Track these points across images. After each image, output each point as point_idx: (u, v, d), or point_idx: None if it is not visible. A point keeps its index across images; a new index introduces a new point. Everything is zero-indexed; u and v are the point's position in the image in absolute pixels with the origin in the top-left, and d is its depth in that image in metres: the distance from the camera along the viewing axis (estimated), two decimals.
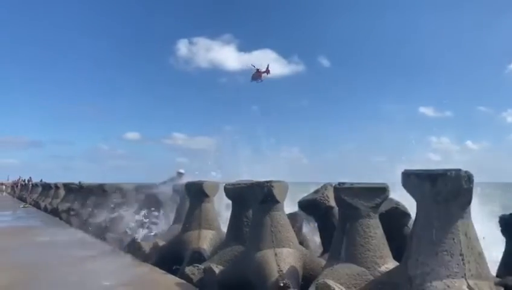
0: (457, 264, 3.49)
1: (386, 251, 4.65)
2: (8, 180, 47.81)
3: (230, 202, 6.71)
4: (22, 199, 32.10)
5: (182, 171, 12.96)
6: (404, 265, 3.84)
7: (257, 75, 32.67)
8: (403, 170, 3.93)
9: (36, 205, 24.15)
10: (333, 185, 5.23)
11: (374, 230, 4.65)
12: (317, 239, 7.50)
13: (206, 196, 7.56)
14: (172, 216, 9.77)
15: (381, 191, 4.76)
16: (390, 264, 4.47)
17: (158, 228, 9.58)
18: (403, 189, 4.07)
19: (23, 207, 24.02)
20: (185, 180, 9.79)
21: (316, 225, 7.22)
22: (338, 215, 5.11)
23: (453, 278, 3.43)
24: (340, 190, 4.79)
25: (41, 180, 32.32)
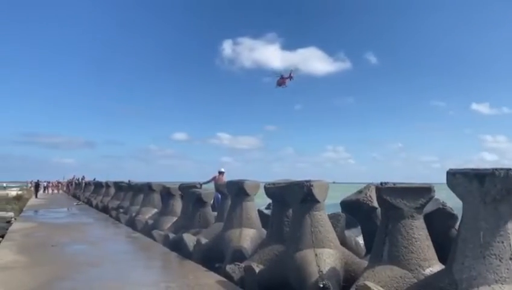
0: (507, 269, 3.29)
1: (431, 253, 4.47)
2: (63, 179, 50.25)
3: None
4: (76, 196, 33.69)
5: (223, 170, 13.11)
6: (449, 269, 3.66)
7: (281, 81, 34.57)
8: (448, 169, 3.75)
9: (88, 202, 25.26)
10: (376, 185, 5.12)
11: (418, 231, 4.49)
12: (360, 240, 7.35)
13: (247, 195, 7.60)
14: (214, 214, 9.91)
15: (425, 191, 4.59)
16: (436, 267, 4.29)
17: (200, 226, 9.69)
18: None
19: (77, 205, 25.19)
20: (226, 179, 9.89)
21: (359, 226, 7.08)
22: (380, 215, 4.97)
23: (502, 284, 3.24)
24: (383, 190, 4.67)
25: (94, 179, 33.66)
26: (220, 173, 13.03)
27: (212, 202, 10.68)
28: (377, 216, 6.24)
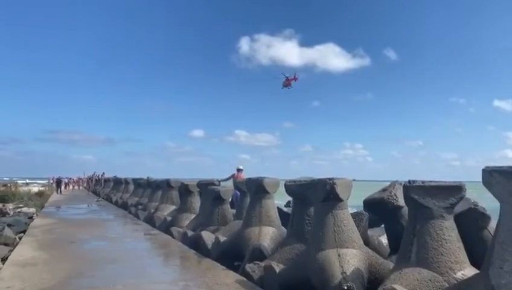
0: None
1: (462, 255, 4.24)
2: (84, 175, 50.94)
3: None
4: (96, 193, 34.10)
5: (241, 167, 12.98)
6: (485, 273, 3.42)
7: (287, 82, 35.33)
8: (484, 167, 3.50)
9: (108, 199, 25.50)
10: (402, 183, 4.90)
11: (448, 232, 4.27)
12: (383, 240, 7.12)
13: (267, 192, 7.43)
14: (233, 212, 9.80)
15: (456, 190, 4.36)
16: (468, 270, 4.07)
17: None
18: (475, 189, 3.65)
19: (97, 201, 25.45)
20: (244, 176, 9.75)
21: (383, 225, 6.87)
22: (408, 215, 4.74)
23: None
24: (411, 188, 4.45)
25: (114, 176, 33.97)
26: (239, 170, 12.91)
27: (231, 199, 10.56)
28: (402, 216, 6.01)
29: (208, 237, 8.28)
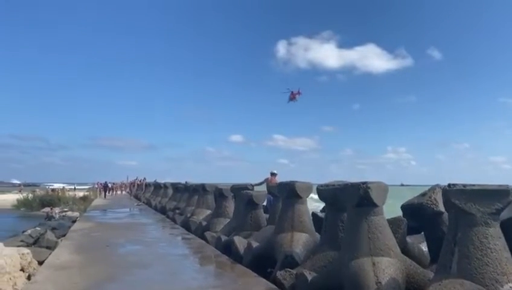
0: None
1: (510, 266, 3.85)
2: (127, 180, 52.34)
3: None
4: (137, 197, 34.90)
5: (275, 171, 12.78)
6: None
7: (292, 96, 36.91)
8: None
9: (148, 203, 25.98)
10: (442, 187, 4.55)
11: (494, 241, 3.89)
12: (424, 248, 6.71)
13: (299, 197, 7.19)
14: (266, 217, 9.61)
15: (502, 194, 3.97)
16: None
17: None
18: None
19: (137, 205, 25.99)
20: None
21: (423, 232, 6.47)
22: (448, 222, 4.39)
23: None
24: (451, 192, 4.10)
25: (155, 181, 34.65)
26: (272, 174, 12.73)
27: (264, 203, 10.38)
28: (443, 222, 5.62)
29: (240, 242, 8.14)
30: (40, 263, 7.80)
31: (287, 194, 7.30)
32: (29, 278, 6.81)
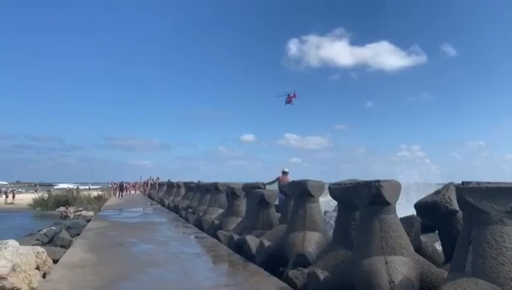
0: None
1: None
2: (140, 180, 52.80)
3: None
4: (150, 197, 35.15)
5: (286, 170, 12.73)
6: None
7: (288, 100, 38.12)
8: None
9: (161, 202, 26.15)
10: (456, 185, 4.48)
11: (510, 239, 3.82)
12: (438, 247, 6.63)
13: (311, 195, 7.15)
14: (278, 216, 9.59)
15: None
16: None
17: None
18: None
19: (150, 204, 26.17)
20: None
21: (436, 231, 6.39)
22: (462, 220, 4.32)
23: None
24: (465, 190, 4.04)
25: (169, 180, 34.86)
26: (284, 173, 12.68)
27: (276, 202, 10.36)
28: (457, 220, 5.55)
29: (252, 241, 8.14)
30: (55, 261, 7.87)
31: (299, 193, 7.27)
32: (44, 276, 6.89)
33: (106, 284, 5.93)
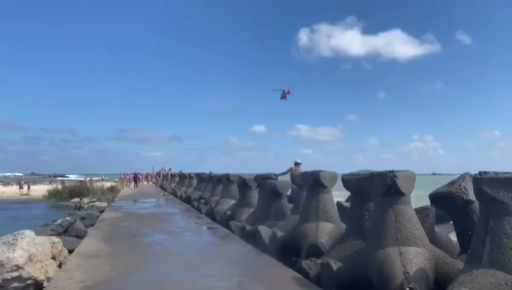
0: None
1: None
2: (153, 171, 53.26)
3: None
4: (163, 187, 35.41)
5: (299, 161, 12.69)
6: None
7: (283, 95, 38.27)
8: None
9: (174, 193, 26.32)
10: (473, 175, 4.41)
11: None
12: (453, 237, 6.56)
13: (324, 186, 7.12)
14: (290, 206, 9.58)
15: None
16: None
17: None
18: None
19: (163, 195, 26.37)
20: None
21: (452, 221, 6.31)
22: (479, 211, 4.26)
23: None
24: (482, 180, 3.97)
25: (180, 171, 35.09)
26: (296, 164, 12.64)
27: (288, 193, 10.34)
28: (473, 211, 5.47)
29: (265, 231, 8.14)
30: (70, 251, 7.96)
31: (312, 183, 7.24)
32: (60, 266, 6.98)
33: (121, 274, 6.00)
